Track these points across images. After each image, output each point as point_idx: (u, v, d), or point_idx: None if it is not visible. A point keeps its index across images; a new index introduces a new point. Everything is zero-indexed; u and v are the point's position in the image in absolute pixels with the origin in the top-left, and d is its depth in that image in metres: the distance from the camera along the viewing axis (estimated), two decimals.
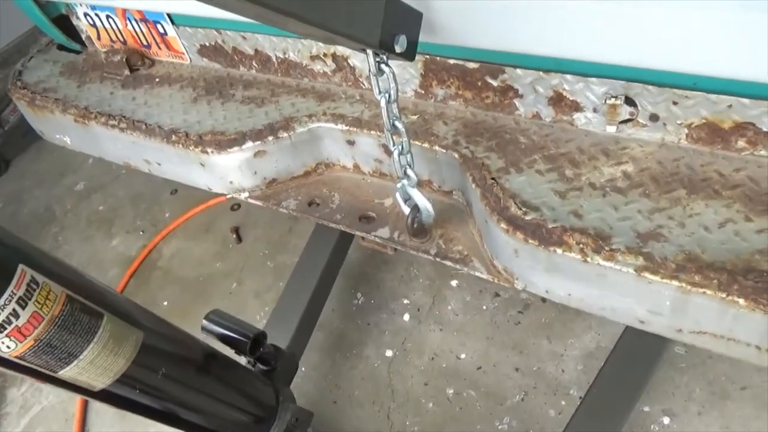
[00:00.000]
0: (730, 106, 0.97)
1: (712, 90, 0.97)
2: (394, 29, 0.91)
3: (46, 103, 1.68)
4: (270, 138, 1.36)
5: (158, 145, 1.47)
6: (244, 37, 1.50)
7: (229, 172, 1.41)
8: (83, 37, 1.89)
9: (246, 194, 1.45)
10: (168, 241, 2.61)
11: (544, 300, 1.94)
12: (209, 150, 1.38)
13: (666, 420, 1.60)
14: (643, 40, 0.94)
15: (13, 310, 0.59)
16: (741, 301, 0.84)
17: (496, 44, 1.08)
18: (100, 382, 0.71)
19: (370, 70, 0.98)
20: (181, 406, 0.89)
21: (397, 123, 1.05)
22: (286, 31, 1.39)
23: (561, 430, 1.59)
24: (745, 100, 0.95)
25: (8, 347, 0.61)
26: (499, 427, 1.70)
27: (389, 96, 1.01)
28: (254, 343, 1.08)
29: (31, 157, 3.38)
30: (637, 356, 1.51)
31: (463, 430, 1.72)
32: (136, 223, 2.75)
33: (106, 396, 0.74)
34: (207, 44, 1.60)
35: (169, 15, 1.58)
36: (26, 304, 0.61)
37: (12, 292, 0.60)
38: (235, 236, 2.50)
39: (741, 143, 1.01)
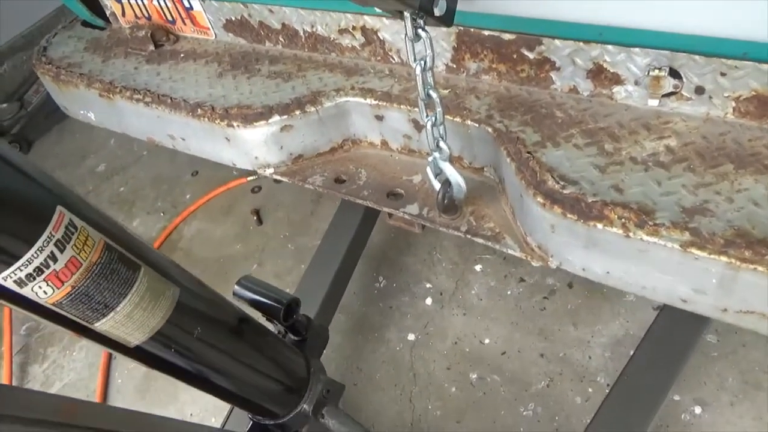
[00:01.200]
0: None
1: (765, 59, 0.92)
2: None
3: (71, 77, 1.67)
4: (297, 112, 1.34)
5: (183, 119, 1.45)
6: (271, 11, 1.48)
7: (254, 146, 1.39)
8: (108, 13, 1.88)
9: (271, 170, 1.43)
10: (189, 223, 2.61)
11: (570, 286, 1.90)
12: (235, 124, 1.36)
13: (698, 409, 1.56)
14: (690, 3, 0.90)
15: (51, 253, 0.57)
16: None
17: (534, 11, 1.04)
18: (135, 338, 0.69)
19: (406, 35, 0.95)
20: (214, 370, 0.87)
21: (431, 92, 1.02)
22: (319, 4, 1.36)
23: (588, 417, 1.56)
24: None
25: (45, 293, 0.59)
26: (524, 413, 1.67)
27: (425, 63, 0.98)
28: (287, 309, 1.06)
29: (53, 139, 3.40)
30: (669, 343, 1.47)
31: (486, 415, 1.69)
32: (157, 204, 2.75)
33: (141, 354, 0.72)
34: (233, 18, 1.57)
35: None
36: (64, 247, 0.58)
37: (50, 233, 0.57)
38: (255, 218, 2.49)
39: None
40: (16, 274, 0.57)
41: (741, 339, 1.65)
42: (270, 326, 1.11)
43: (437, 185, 1.15)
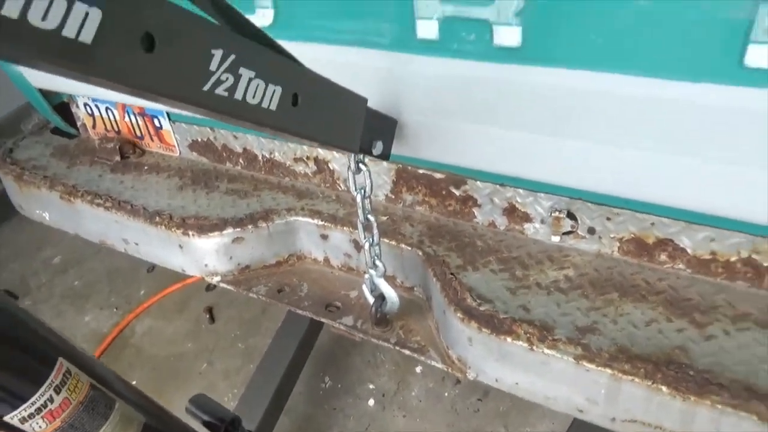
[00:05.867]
0: (652, 224, 1.15)
1: (638, 209, 1.15)
2: (371, 136, 1.07)
3: (34, 179, 1.77)
4: (250, 226, 1.47)
5: (141, 225, 1.55)
6: (235, 137, 1.66)
7: (206, 255, 1.50)
8: (78, 123, 2.03)
9: (218, 278, 1.52)
10: (141, 319, 2.60)
11: None
12: (191, 233, 1.47)
13: None
14: (582, 168, 1.13)
15: (50, 396, 0.72)
16: (664, 388, 0.95)
17: (457, 160, 1.26)
18: None
19: (349, 168, 1.13)
20: None
21: (369, 216, 1.18)
22: (279, 137, 1.56)
23: None
24: (665, 219, 1.13)
25: (40, 427, 0.72)
26: None
27: (364, 191, 1.16)
28: (228, 427, 1.14)
29: (12, 227, 3.35)
30: None
31: None
32: (111, 299, 2.74)
33: None
34: (199, 139, 1.75)
35: (167, 112, 1.75)
36: (60, 390, 0.73)
37: (52, 380, 0.73)
38: (208, 316, 2.52)
39: (663, 257, 1.18)
40: (21, 414, 0.71)
41: None
42: None
43: (371, 299, 1.29)
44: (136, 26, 0.57)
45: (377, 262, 1.23)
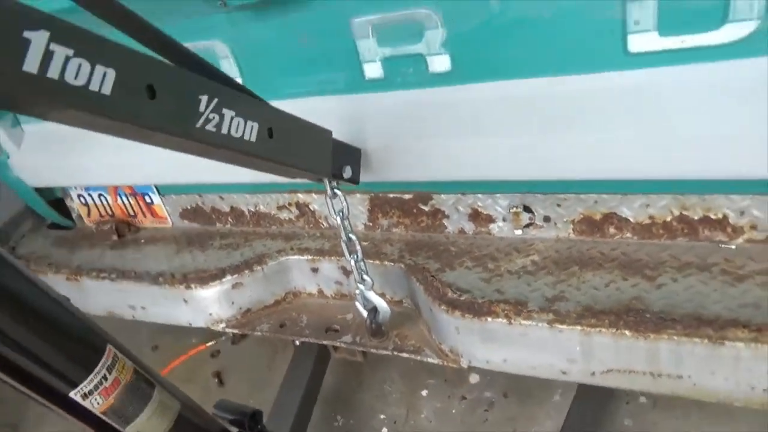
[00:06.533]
0: (596, 201, 1.32)
1: (580, 191, 1.32)
2: (341, 162, 1.24)
3: (39, 267, 1.90)
4: (246, 271, 1.61)
5: (146, 288, 1.68)
6: (221, 198, 1.83)
7: (209, 304, 1.62)
8: (74, 215, 2.18)
9: (223, 324, 1.64)
10: None
11: (505, 395, 2.12)
12: (193, 285, 1.61)
13: None
14: (524, 160, 1.31)
15: (104, 374, 0.87)
16: (627, 332, 1.09)
17: (419, 176, 1.43)
18: None
19: (326, 194, 1.29)
20: None
21: (351, 235, 1.34)
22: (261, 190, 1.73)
23: None
24: (604, 195, 1.30)
25: (98, 403, 0.86)
26: None
27: (343, 213, 1.31)
28: (251, 419, 1.29)
29: None
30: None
31: None
32: None
33: None
34: (188, 207, 1.91)
35: (156, 186, 1.91)
36: (111, 370, 0.88)
37: (104, 361, 0.88)
38: (217, 380, 2.58)
39: (611, 230, 1.34)
40: (83, 390, 0.85)
41: (652, 418, 1.87)
42: None
43: (365, 313, 1.42)
44: (141, 80, 0.74)
45: (365, 277, 1.37)
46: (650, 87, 1.08)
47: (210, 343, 2.78)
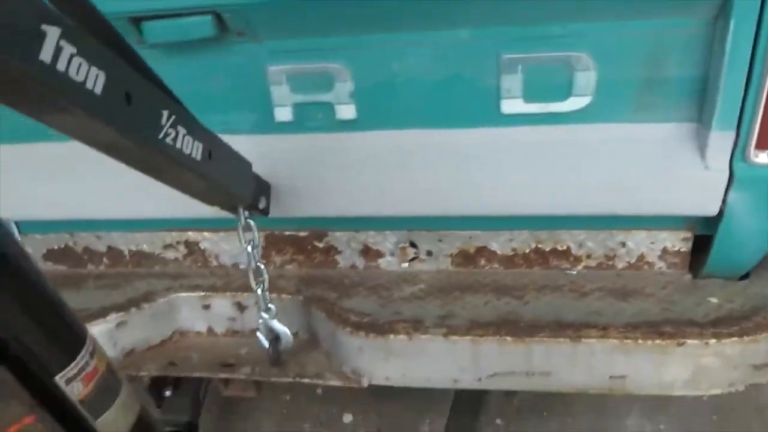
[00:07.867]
0: (470, 237, 1.56)
1: (458, 228, 1.56)
2: (259, 193, 1.33)
3: None
4: (132, 309, 1.55)
5: None
6: (98, 237, 1.74)
7: None
8: None
9: None
10: None
11: None
12: None
13: None
14: (411, 199, 1.51)
15: (87, 359, 0.87)
16: (508, 338, 1.31)
17: (320, 212, 1.56)
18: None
19: (239, 224, 1.35)
20: None
21: (259, 264, 1.40)
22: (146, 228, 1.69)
23: None
24: (477, 231, 1.55)
25: (79, 390, 0.85)
26: None
27: (253, 242, 1.38)
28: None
29: None
30: None
31: None
32: None
33: None
34: (55, 247, 1.78)
35: (16, 223, 1.75)
36: (93, 356, 0.88)
37: (87, 346, 0.88)
38: None
39: (482, 262, 1.59)
40: (68, 373, 0.84)
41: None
42: None
43: (266, 343, 1.46)
44: (122, 86, 0.80)
45: (270, 305, 1.43)
46: (517, 141, 1.37)
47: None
